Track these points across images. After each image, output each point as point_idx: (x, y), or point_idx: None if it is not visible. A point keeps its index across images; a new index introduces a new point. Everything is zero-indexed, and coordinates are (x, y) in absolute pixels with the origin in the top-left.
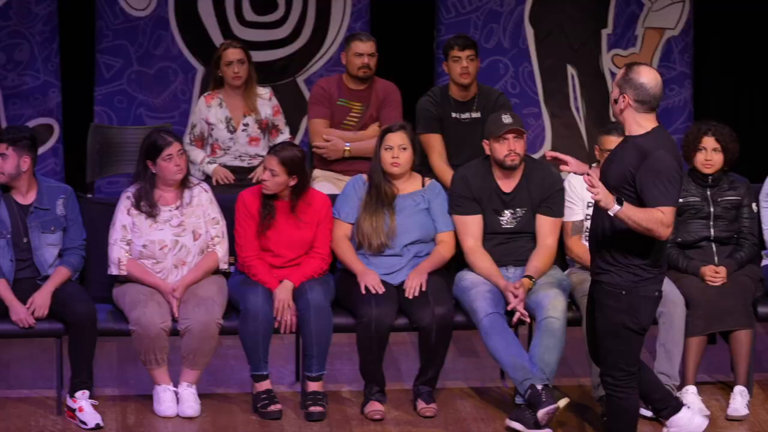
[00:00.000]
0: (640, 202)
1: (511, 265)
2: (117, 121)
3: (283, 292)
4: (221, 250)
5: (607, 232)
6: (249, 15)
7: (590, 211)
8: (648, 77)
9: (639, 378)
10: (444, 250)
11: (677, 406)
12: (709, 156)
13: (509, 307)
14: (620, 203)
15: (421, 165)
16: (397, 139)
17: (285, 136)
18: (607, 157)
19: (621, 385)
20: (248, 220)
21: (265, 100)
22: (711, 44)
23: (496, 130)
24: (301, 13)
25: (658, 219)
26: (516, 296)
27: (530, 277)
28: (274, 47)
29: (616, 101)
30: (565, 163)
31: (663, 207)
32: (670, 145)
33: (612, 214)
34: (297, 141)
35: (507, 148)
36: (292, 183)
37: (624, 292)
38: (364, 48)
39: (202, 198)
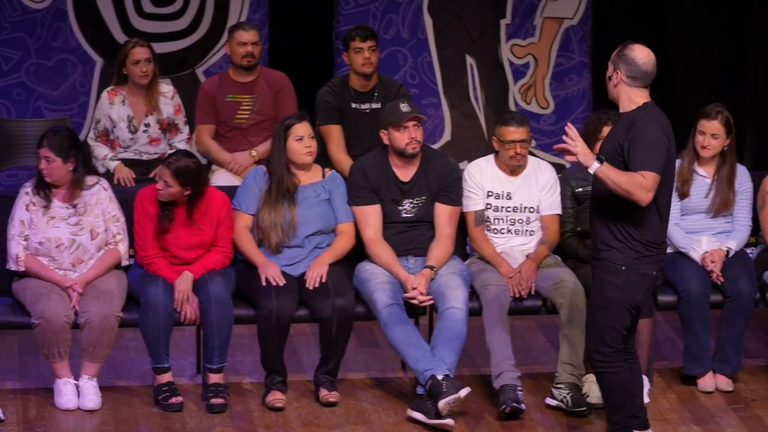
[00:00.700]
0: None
1: (411, 255)
2: (16, 114)
3: (183, 283)
4: (123, 247)
5: (607, 211)
6: (148, 7)
7: (490, 200)
8: (641, 54)
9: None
10: (344, 241)
11: (646, 424)
12: None
13: (406, 296)
14: (600, 161)
15: (320, 156)
16: (305, 129)
17: (184, 135)
18: (606, 135)
19: (608, 361)
20: (147, 220)
21: (168, 99)
22: (609, 33)
23: (395, 119)
24: (200, 4)
25: (637, 182)
26: (414, 288)
27: (431, 267)
28: (173, 39)
29: (610, 78)
30: (572, 153)
31: (645, 171)
32: (658, 118)
33: (592, 172)
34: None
35: (408, 137)
36: (187, 193)
37: (624, 268)
38: (247, 37)
39: (102, 196)
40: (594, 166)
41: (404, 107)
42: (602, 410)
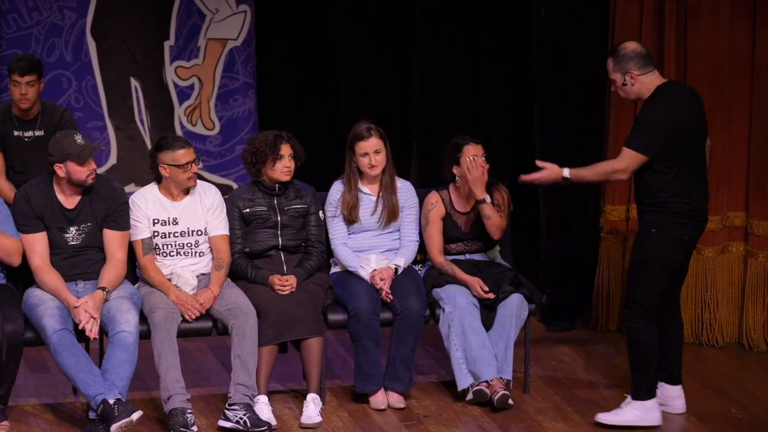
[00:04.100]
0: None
1: (81, 279)
2: None
3: None
4: None
5: (641, 178)
6: None
7: (157, 227)
8: (632, 44)
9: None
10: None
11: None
12: (288, 163)
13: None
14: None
15: None
16: None
17: None
18: None
19: (634, 317)
20: None
21: None
22: (273, 54)
23: (77, 154)
24: None
25: (604, 171)
26: (76, 307)
27: (104, 289)
28: None
29: (624, 83)
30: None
31: (625, 148)
32: (667, 96)
33: (569, 177)
34: None
35: (88, 169)
36: None
37: (654, 230)
38: None
39: None
40: (566, 172)
41: (80, 140)
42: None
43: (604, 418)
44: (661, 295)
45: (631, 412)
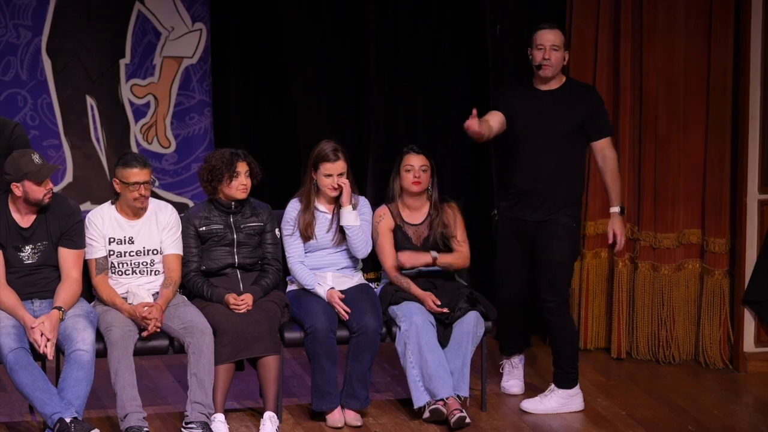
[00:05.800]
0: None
1: (36, 298)
2: None
3: None
4: None
5: (554, 178)
6: None
7: (113, 246)
8: None
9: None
10: None
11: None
12: (245, 181)
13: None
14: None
15: None
16: None
17: None
18: (539, 111)
19: (561, 311)
20: None
21: None
22: (229, 71)
23: (34, 174)
24: None
25: (617, 173)
26: (33, 327)
27: (60, 308)
28: None
29: (565, 59)
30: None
31: (610, 138)
32: None
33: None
34: None
35: (45, 188)
36: None
37: (575, 225)
38: None
39: None
40: (616, 209)
41: (37, 159)
42: None
43: (528, 406)
44: None
45: (556, 399)
